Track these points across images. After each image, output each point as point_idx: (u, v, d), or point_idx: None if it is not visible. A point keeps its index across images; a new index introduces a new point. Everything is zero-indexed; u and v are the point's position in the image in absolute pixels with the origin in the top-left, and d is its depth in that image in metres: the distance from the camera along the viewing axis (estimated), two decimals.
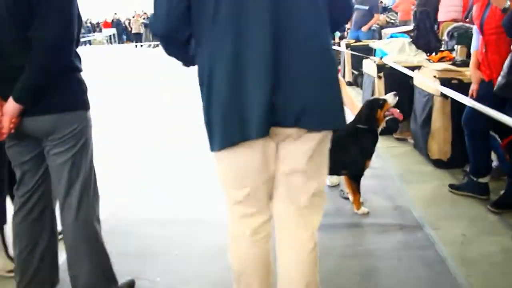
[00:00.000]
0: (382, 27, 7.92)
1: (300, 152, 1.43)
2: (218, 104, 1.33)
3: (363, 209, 2.80)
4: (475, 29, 2.88)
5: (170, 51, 1.47)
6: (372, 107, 2.79)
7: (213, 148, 1.40)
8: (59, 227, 1.90)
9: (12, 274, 2.05)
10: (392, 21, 9.61)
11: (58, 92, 1.64)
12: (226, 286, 2.11)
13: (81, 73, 1.78)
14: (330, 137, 1.48)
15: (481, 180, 2.90)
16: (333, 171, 2.93)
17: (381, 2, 11.33)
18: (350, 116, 3.01)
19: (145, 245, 2.50)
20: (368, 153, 2.79)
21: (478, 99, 2.72)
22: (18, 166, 1.80)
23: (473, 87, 2.85)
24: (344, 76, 7.47)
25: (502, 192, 2.77)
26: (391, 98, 2.81)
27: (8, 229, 2.14)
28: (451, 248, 2.36)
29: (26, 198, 1.82)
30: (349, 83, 7.18)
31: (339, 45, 7.90)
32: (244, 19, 1.28)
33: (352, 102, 3.24)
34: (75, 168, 1.73)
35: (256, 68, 1.29)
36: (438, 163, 3.49)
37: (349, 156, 2.75)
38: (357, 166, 2.78)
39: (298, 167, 1.45)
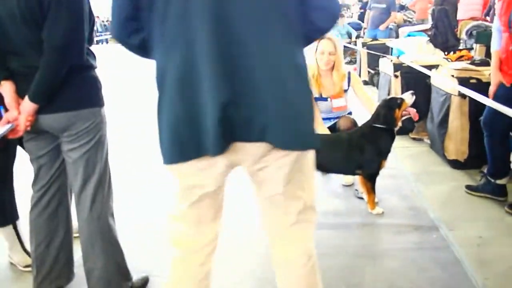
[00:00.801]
0: (399, 26, 7.83)
1: (275, 178, 1.30)
2: (171, 116, 1.21)
3: (378, 209, 2.78)
4: (496, 27, 2.78)
5: (134, 53, 1.36)
6: (390, 106, 2.76)
7: (164, 161, 1.29)
8: (75, 223, 1.93)
9: (29, 269, 2.09)
10: (409, 19, 9.49)
11: (73, 89, 1.67)
12: (236, 286, 2.13)
13: (96, 70, 1.81)
14: (310, 154, 1.34)
15: (498, 181, 2.85)
16: (348, 170, 2.93)
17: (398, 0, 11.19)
18: (367, 115, 3.01)
19: (161, 242, 2.52)
20: (384, 152, 2.76)
21: (496, 99, 2.66)
22: (34, 160, 1.84)
23: (492, 89, 2.79)
24: (360, 75, 7.41)
25: None
26: (408, 98, 2.78)
27: (23, 224, 2.19)
28: (467, 249, 2.33)
29: (42, 193, 1.85)
30: (365, 82, 7.12)
31: (355, 44, 7.84)
32: (194, 26, 1.15)
33: (369, 100, 3.21)
34: (90, 164, 1.76)
35: (208, 79, 1.16)
36: (455, 164, 3.44)
37: (365, 155, 2.73)
38: (372, 165, 2.76)
39: (276, 192, 1.34)
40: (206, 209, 1.36)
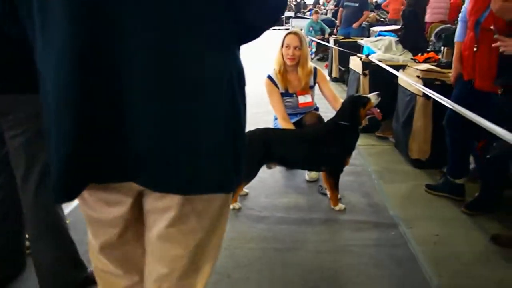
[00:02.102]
0: (371, 25, 7.93)
1: (159, 218, 1.02)
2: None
3: (340, 205, 2.80)
4: (461, 17, 2.82)
5: None
6: (355, 104, 2.78)
7: None
8: None
9: None
10: (382, 19, 9.63)
11: (15, 72, 1.58)
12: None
13: None
14: (204, 203, 1.01)
15: (457, 181, 2.92)
16: (312, 166, 2.95)
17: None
18: (332, 111, 3.03)
19: None
20: (348, 150, 2.78)
21: (458, 99, 2.72)
22: None
23: (452, 80, 2.89)
24: (331, 72, 7.48)
25: (476, 194, 2.79)
26: (374, 98, 2.80)
27: None
28: (423, 247, 2.38)
29: None
30: (335, 79, 7.20)
31: (327, 41, 7.89)
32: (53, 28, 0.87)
33: (335, 97, 3.23)
34: (32, 151, 1.67)
35: (58, 102, 0.89)
36: (416, 163, 3.51)
37: (329, 152, 2.74)
38: (336, 162, 2.77)
39: (156, 238, 1.05)
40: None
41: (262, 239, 2.47)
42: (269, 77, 3.23)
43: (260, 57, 7.07)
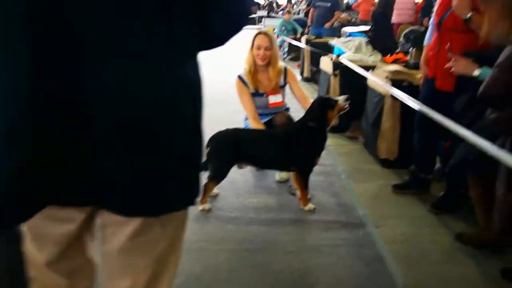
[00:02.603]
0: (343, 25, 8.01)
1: (119, 231, 0.98)
2: None
3: (310, 206, 2.81)
4: (431, 21, 2.91)
5: None
6: (323, 106, 2.78)
7: None
8: None
9: None
10: (353, 20, 9.76)
11: None
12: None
13: None
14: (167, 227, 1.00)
15: (423, 175, 2.99)
16: (281, 166, 2.95)
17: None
18: (302, 111, 3.03)
19: None
20: (317, 151, 2.79)
21: (424, 100, 2.77)
22: None
23: (420, 82, 2.98)
24: (302, 72, 7.52)
25: (441, 193, 2.86)
26: (342, 101, 2.80)
27: None
28: (390, 246, 2.41)
29: None
30: (307, 79, 7.24)
31: (299, 41, 7.92)
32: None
33: (304, 97, 3.24)
34: None
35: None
36: (385, 163, 3.57)
37: (298, 152, 2.74)
38: (305, 163, 2.78)
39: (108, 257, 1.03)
40: None
41: (232, 240, 2.45)
42: (240, 77, 3.21)
43: (231, 57, 7.02)
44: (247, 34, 3.81)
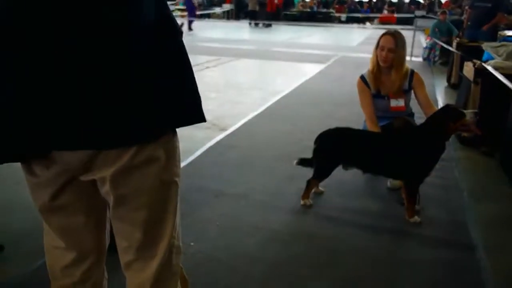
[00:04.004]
0: (504, 29, 7.13)
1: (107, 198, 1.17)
2: None
3: (416, 218, 2.64)
4: None
5: None
6: (446, 116, 2.55)
7: None
8: None
9: None
10: None
11: None
12: (253, 261, 2.20)
13: None
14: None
15: None
16: (387, 173, 2.84)
17: None
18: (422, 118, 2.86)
19: (191, 211, 2.66)
20: (430, 162, 2.59)
21: None
22: None
23: None
24: (450, 78, 6.93)
25: None
26: (469, 115, 2.53)
27: None
28: (499, 278, 2.14)
29: None
30: (453, 86, 6.65)
31: (449, 44, 7.31)
32: None
33: (429, 104, 3.02)
34: None
35: None
36: None
37: (409, 161, 2.59)
38: (415, 173, 2.61)
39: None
40: None
41: (321, 238, 2.46)
42: (362, 77, 3.16)
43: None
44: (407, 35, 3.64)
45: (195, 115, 1.13)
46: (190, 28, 16.76)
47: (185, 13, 17.89)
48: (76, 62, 0.95)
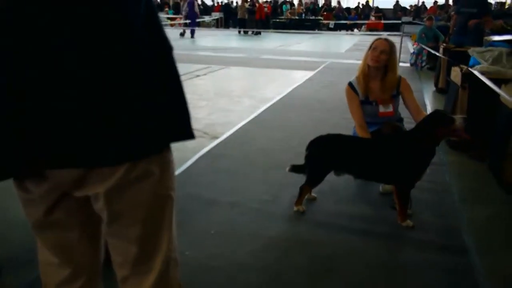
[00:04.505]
0: (490, 34, 7.25)
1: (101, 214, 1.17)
2: None
3: (408, 222, 2.67)
4: None
5: None
6: (435, 121, 2.57)
7: None
8: None
9: None
10: (509, 27, 8.73)
11: None
12: (249, 269, 2.20)
13: None
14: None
15: None
16: (379, 179, 2.86)
17: (502, 4, 10.27)
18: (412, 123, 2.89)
19: (185, 220, 2.66)
20: (421, 167, 2.62)
21: None
22: None
23: None
24: (437, 83, 7.03)
25: None
26: (458, 120, 2.54)
27: None
28: (492, 281, 2.17)
29: None
30: (441, 90, 6.75)
31: (436, 49, 7.41)
32: None
33: (418, 110, 3.06)
34: None
35: None
36: (510, 188, 3.18)
37: (399, 166, 2.61)
38: (406, 178, 2.64)
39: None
40: None
41: (317, 245, 2.47)
42: (350, 84, 3.19)
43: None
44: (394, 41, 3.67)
45: (186, 133, 1.12)
46: (192, 36, 17.62)
47: (175, 22, 18.06)
48: (71, 77, 0.94)
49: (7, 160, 0.98)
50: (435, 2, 22.14)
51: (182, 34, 18.10)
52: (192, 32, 17.87)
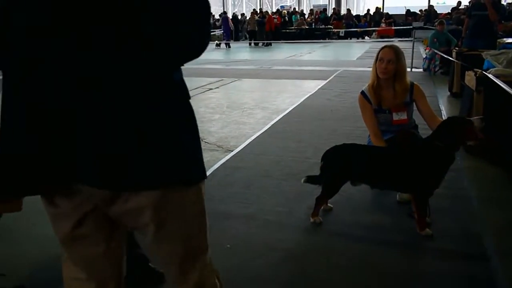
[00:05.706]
0: (503, 36, 7.17)
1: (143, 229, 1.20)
2: None
3: (427, 231, 2.62)
4: None
5: None
6: (453, 126, 2.54)
7: None
8: None
9: None
10: None
11: None
12: (266, 282, 2.19)
13: None
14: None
15: None
16: (396, 188, 2.83)
17: None
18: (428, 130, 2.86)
19: None
20: (439, 174, 2.58)
21: None
22: None
23: None
24: (451, 87, 6.95)
25: None
26: (477, 122, 2.52)
27: None
28: None
29: None
30: (455, 95, 6.67)
31: (448, 54, 7.34)
32: None
33: (433, 116, 3.03)
34: None
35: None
36: None
37: (417, 175, 2.57)
38: (424, 186, 2.60)
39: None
40: None
41: (334, 255, 2.44)
42: (362, 93, 3.18)
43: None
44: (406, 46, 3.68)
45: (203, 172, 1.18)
46: (228, 46, 20.17)
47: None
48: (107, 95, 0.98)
49: (37, 174, 1.01)
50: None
51: (218, 45, 20.22)
52: (227, 45, 20.23)
